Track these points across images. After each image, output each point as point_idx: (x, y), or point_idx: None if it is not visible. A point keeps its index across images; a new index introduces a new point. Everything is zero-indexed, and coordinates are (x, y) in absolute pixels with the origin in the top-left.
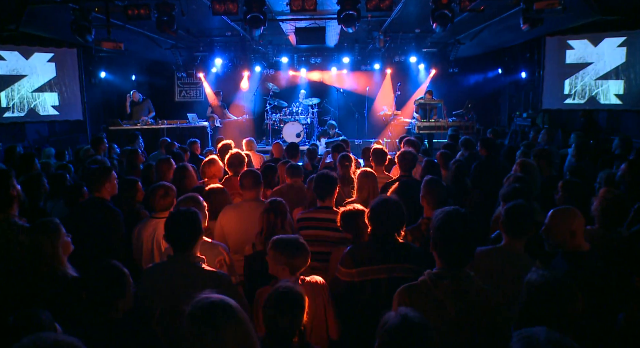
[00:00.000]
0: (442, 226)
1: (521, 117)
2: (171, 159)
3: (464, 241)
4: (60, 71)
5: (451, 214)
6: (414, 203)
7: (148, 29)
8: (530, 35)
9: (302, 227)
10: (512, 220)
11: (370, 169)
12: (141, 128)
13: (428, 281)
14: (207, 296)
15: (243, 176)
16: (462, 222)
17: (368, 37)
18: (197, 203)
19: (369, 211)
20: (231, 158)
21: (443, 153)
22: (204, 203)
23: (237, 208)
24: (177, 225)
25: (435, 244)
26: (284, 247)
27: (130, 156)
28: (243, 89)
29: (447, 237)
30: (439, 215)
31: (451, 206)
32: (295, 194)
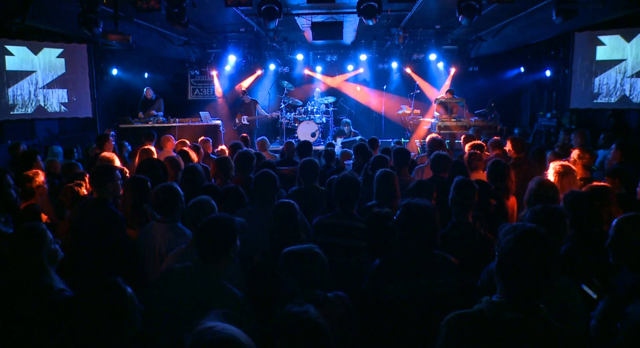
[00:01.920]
0: (514, 250)
1: (545, 117)
2: (179, 158)
3: (543, 270)
4: (69, 67)
5: (527, 235)
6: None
7: (160, 25)
8: (558, 31)
9: (318, 234)
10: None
11: (389, 170)
12: (152, 126)
13: (486, 313)
14: (213, 327)
15: (256, 180)
16: (542, 245)
17: (386, 33)
18: (209, 207)
19: (398, 218)
20: (239, 158)
21: (472, 153)
22: (215, 206)
23: (250, 212)
24: (211, 231)
25: (502, 270)
26: (298, 259)
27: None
28: (243, 88)
29: (521, 265)
30: (510, 235)
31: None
32: (312, 197)
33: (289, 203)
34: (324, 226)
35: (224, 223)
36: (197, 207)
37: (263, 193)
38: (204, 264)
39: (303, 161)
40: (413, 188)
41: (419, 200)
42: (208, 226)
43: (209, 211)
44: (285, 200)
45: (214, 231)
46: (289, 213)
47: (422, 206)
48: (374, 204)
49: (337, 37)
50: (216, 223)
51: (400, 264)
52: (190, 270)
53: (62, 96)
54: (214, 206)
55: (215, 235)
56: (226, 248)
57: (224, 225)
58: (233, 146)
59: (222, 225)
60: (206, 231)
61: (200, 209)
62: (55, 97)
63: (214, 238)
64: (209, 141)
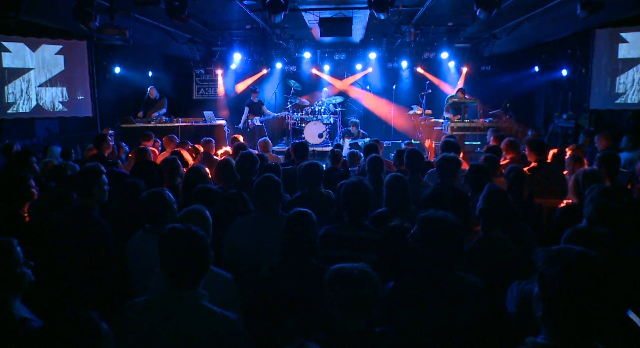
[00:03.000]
0: (565, 287)
1: (561, 118)
2: (177, 159)
3: (603, 306)
4: (69, 65)
5: (579, 265)
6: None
7: (163, 22)
8: (576, 28)
9: (324, 246)
10: None
11: (400, 175)
12: (155, 126)
13: None
14: None
15: (258, 186)
16: (599, 276)
17: (396, 31)
18: (202, 219)
19: (415, 234)
20: (241, 161)
21: (489, 157)
22: (210, 218)
23: (252, 221)
24: (179, 250)
25: (550, 310)
26: (349, 281)
27: (138, 156)
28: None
29: (576, 303)
30: (556, 266)
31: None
32: (316, 203)
33: (306, 213)
34: (330, 238)
35: (195, 238)
36: (187, 219)
37: (265, 200)
38: (178, 291)
39: (305, 164)
40: (429, 197)
41: (440, 213)
42: (174, 243)
43: (202, 224)
44: (301, 209)
45: (183, 250)
46: (307, 224)
47: (444, 220)
48: (383, 212)
49: (346, 33)
50: (184, 238)
51: (418, 289)
52: (164, 301)
53: (60, 95)
54: (207, 218)
55: (188, 257)
56: (204, 268)
57: (197, 244)
58: (237, 147)
59: (196, 244)
60: (174, 250)
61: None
62: (53, 95)
63: (187, 263)
64: (211, 142)
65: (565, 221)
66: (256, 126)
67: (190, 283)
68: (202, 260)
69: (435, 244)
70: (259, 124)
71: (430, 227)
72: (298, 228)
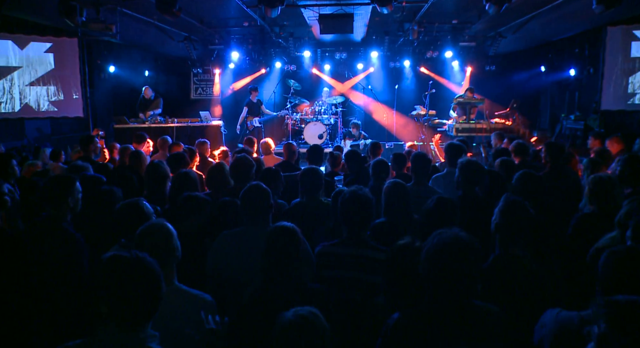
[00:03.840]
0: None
1: (569, 119)
2: (164, 163)
3: None
4: (59, 63)
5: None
6: None
7: (158, 19)
8: (586, 26)
9: (322, 266)
10: None
11: (400, 181)
12: (149, 127)
13: None
14: None
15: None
16: None
17: (399, 29)
18: (163, 237)
19: (426, 258)
20: (235, 165)
21: (505, 161)
22: (173, 234)
23: (239, 235)
24: (120, 284)
25: None
26: (293, 332)
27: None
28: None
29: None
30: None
31: None
32: (315, 213)
33: (289, 230)
34: (328, 256)
35: (142, 273)
36: (145, 237)
37: (253, 212)
38: (119, 334)
39: (304, 169)
40: (434, 208)
41: (454, 232)
42: (120, 280)
43: (162, 243)
44: (283, 224)
45: (129, 288)
46: (288, 244)
47: (459, 241)
48: (382, 223)
49: (347, 30)
50: (132, 275)
51: (428, 321)
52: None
53: (50, 94)
54: (168, 236)
55: (131, 292)
56: (154, 308)
57: (142, 276)
58: (238, 150)
59: (141, 276)
60: (117, 287)
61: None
62: (43, 95)
63: (129, 300)
64: (206, 144)
65: (582, 230)
66: (255, 127)
67: (135, 324)
68: (148, 296)
69: (448, 268)
70: (258, 125)
71: (443, 249)
72: (279, 246)
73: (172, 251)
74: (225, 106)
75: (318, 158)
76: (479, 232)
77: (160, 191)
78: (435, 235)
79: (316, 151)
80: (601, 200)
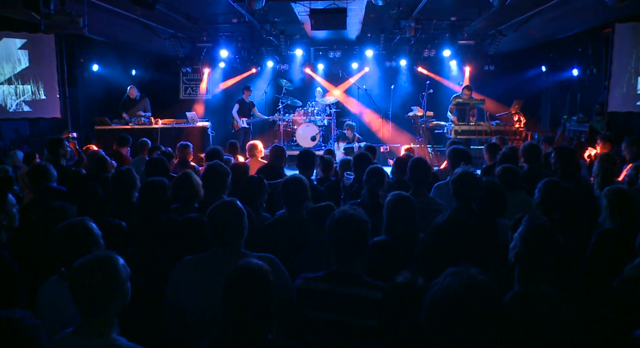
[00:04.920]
0: None
1: (571, 120)
2: (132, 170)
3: None
4: (34, 60)
5: None
6: None
7: (141, 15)
8: (592, 23)
9: (304, 305)
10: None
11: (406, 195)
12: (132, 128)
13: None
14: None
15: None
16: None
17: (395, 26)
18: (102, 276)
19: (432, 302)
20: (206, 174)
21: (508, 168)
22: (118, 268)
23: (203, 262)
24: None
25: None
26: None
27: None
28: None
29: None
30: None
31: None
32: (298, 229)
33: (254, 272)
34: (310, 294)
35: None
36: (81, 275)
37: (221, 235)
38: None
39: (285, 179)
40: (445, 226)
41: (471, 274)
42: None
43: (100, 282)
44: (249, 264)
45: None
46: (253, 292)
47: (478, 288)
48: (383, 242)
49: (339, 26)
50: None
51: None
52: None
53: (24, 94)
54: (112, 273)
55: None
56: None
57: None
58: (210, 154)
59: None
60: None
61: (83, 281)
62: (16, 94)
63: None
64: (188, 147)
65: (603, 249)
66: (242, 127)
67: None
68: None
69: (458, 325)
70: (246, 126)
71: (454, 300)
72: (240, 295)
73: (113, 295)
74: (213, 107)
75: (309, 164)
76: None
77: (128, 203)
78: (446, 275)
79: (307, 157)
80: (623, 215)
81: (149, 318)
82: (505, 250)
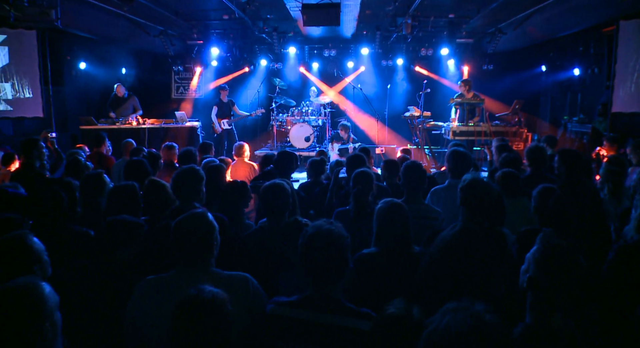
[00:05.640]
0: None
1: (572, 122)
2: (102, 174)
3: None
4: (15, 57)
5: None
6: None
7: (128, 11)
8: (594, 21)
9: (275, 334)
10: None
11: (397, 201)
12: (119, 128)
13: None
14: None
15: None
16: None
17: (392, 23)
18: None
19: (429, 343)
20: (176, 180)
21: (508, 173)
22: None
23: (167, 282)
24: None
25: None
26: None
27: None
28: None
29: None
30: None
31: None
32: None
33: (205, 300)
34: (282, 322)
35: None
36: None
37: (188, 251)
38: None
39: (265, 186)
40: (454, 243)
41: (476, 312)
42: None
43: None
44: (200, 291)
45: None
46: (202, 324)
47: (484, 331)
48: (372, 254)
49: (333, 22)
50: None
51: None
52: None
53: (5, 92)
54: (36, 304)
55: None
56: None
57: None
58: (183, 156)
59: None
60: None
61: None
62: None
63: None
64: (174, 148)
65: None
66: (224, 130)
67: None
68: None
69: None
70: (228, 128)
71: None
72: (187, 328)
73: (39, 328)
74: (206, 106)
75: (287, 166)
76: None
77: (97, 210)
78: (446, 312)
79: (284, 159)
80: None
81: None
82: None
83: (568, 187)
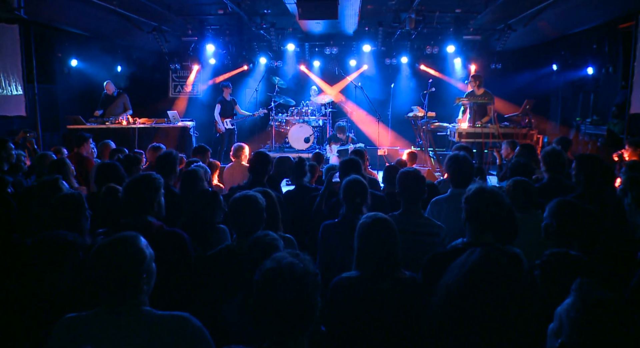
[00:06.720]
0: None
1: (585, 123)
2: (59, 179)
3: None
4: None
5: None
6: None
7: (118, 5)
8: (611, 16)
9: None
10: None
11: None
12: (108, 128)
13: None
14: None
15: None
16: None
17: (395, 19)
18: None
19: None
20: (126, 188)
21: (520, 182)
22: None
23: (82, 325)
24: None
25: None
26: None
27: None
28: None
29: None
30: None
31: None
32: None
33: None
34: None
35: None
36: None
37: (107, 288)
38: None
39: (234, 198)
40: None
41: None
42: None
43: None
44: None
45: None
46: None
47: None
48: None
49: (330, 15)
50: None
51: None
52: None
53: None
54: None
55: None
56: None
57: None
58: (159, 160)
59: None
60: None
61: None
62: None
63: None
64: (160, 149)
65: None
66: (227, 129)
67: None
68: None
69: None
70: (231, 127)
71: None
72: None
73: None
74: (205, 105)
75: (264, 171)
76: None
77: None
78: None
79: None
80: None
81: None
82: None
83: (587, 197)
